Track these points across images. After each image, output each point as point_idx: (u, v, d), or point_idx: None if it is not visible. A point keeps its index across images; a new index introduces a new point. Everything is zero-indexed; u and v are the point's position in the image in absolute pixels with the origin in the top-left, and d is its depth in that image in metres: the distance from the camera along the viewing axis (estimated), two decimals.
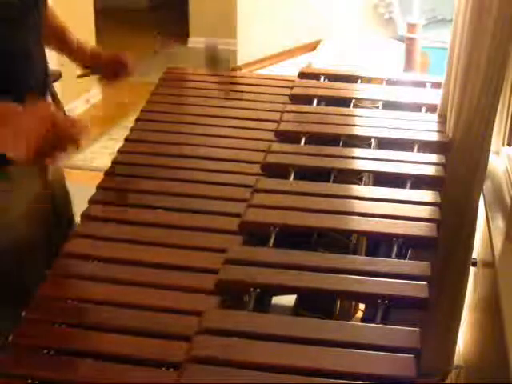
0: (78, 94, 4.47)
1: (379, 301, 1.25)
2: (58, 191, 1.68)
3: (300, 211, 1.52)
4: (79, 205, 1.66)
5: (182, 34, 5.85)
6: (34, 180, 1.55)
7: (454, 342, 2.10)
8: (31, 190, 1.54)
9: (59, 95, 4.01)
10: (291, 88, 2.08)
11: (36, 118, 1.22)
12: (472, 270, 2.02)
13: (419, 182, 1.64)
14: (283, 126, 1.88)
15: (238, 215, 1.51)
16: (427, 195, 1.59)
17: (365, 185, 1.69)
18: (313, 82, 2.14)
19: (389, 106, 2.00)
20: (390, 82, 2.14)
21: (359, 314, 1.72)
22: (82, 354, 1.17)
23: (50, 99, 1.64)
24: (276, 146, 1.79)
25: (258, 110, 1.99)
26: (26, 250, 1.50)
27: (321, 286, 1.30)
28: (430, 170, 1.69)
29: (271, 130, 1.86)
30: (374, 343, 1.16)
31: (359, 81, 2.15)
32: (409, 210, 1.52)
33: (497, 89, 1.73)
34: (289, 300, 1.40)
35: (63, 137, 1.23)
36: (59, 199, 1.68)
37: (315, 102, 2.01)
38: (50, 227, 1.60)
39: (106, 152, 3.96)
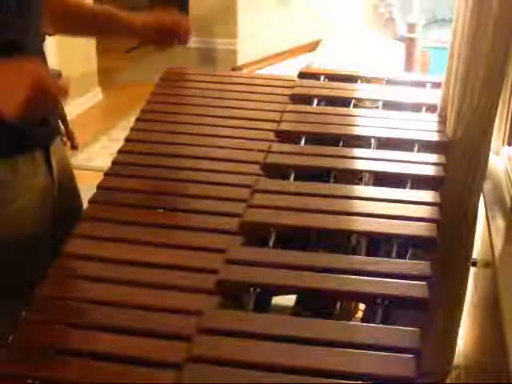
0: (77, 94, 4.46)
1: (379, 301, 1.25)
2: (64, 180, 1.62)
3: (300, 211, 1.52)
4: None
5: None
6: (38, 169, 1.51)
7: (454, 342, 2.10)
8: (35, 180, 1.50)
9: None
10: (291, 88, 2.08)
11: (22, 73, 1.22)
12: (472, 270, 2.02)
13: (419, 182, 1.64)
14: (283, 126, 1.88)
15: (238, 215, 1.51)
16: (427, 195, 1.59)
17: (365, 185, 1.69)
18: (313, 82, 2.14)
19: (389, 106, 2.00)
20: (389, 82, 2.14)
21: (359, 314, 1.72)
22: (82, 354, 1.17)
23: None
24: (276, 146, 1.79)
25: (258, 110, 1.99)
26: (27, 244, 1.48)
27: (321, 286, 1.30)
28: (430, 170, 1.69)
29: (271, 130, 1.86)
30: (374, 343, 1.16)
31: (359, 81, 2.15)
32: (409, 210, 1.52)
33: (497, 89, 1.73)
34: (289, 300, 1.40)
35: (47, 94, 1.23)
36: (65, 188, 1.62)
37: (315, 102, 2.01)
38: (53, 221, 1.56)
39: (106, 152, 3.96)
